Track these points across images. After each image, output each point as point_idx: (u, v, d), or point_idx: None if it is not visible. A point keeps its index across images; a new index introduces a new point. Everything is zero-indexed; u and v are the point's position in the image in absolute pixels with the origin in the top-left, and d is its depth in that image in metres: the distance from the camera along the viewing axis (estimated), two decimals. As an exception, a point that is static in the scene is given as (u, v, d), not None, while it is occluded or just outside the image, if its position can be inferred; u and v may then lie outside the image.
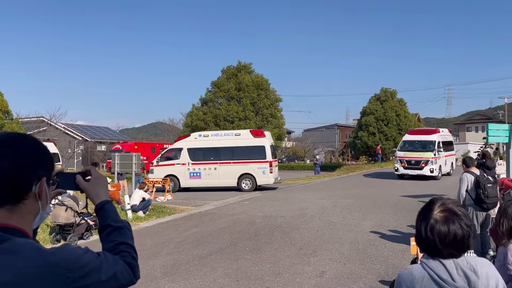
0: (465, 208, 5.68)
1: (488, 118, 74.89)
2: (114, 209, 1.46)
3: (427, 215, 1.68)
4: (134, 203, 12.52)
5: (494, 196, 6.70)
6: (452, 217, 1.63)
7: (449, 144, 25.00)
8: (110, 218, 1.41)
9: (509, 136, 11.54)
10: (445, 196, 7.62)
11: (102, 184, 1.48)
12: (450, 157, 24.29)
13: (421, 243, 1.71)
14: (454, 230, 1.60)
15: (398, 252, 7.52)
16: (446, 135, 25.21)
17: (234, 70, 26.33)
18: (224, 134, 20.19)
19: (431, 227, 1.64)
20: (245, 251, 7.98)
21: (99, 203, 1.43)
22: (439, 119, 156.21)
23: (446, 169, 23.34)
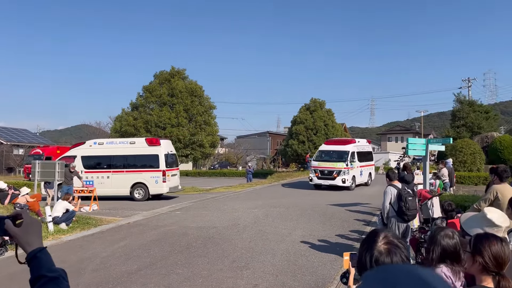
0: (388, 220, 6.01)
1: (406, 129, 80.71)
2: (49, 257, 1.34)
3: (371, 247, 1.75)
4: (56, 215, 11.73)
5: (414, 209, 7.21)
6: (394, 249, 1.72)
7: (367, 154, 25.11)
8: (44, 268, 1.29)
9: (426, 150, 12.50)
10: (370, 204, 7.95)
11: (34, 230, 1.36)
12: (367, 167, 24.45)
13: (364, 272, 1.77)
14: (397, 262, 1.69)
15: (327, 263, 7.79)
16: (364, 145, 25.34)
17: (167, 75, 25.79)
18: (119, 142, 20.15)
19: (376, 259, 1.71)
20: (177, 265, 7.80)
21: (31, 252, 1.32)
22: (363, 129, 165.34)
23: (362, 179, 23.47)
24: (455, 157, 27.69)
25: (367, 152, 25.36)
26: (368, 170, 24.48)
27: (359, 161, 22.93)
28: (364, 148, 24.75)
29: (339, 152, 22.49)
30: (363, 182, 23.60)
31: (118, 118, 26.96)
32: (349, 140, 24.56)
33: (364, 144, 25.58)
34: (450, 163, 18.18)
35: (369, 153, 25.84)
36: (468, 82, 49.58)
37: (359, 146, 24.01)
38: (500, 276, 2.24)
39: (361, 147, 24.30)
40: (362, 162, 23.50)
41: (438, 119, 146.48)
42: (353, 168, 22.07)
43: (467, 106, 42.05)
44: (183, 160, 25.72)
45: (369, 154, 25.61)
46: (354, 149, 22.83)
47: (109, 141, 20.79)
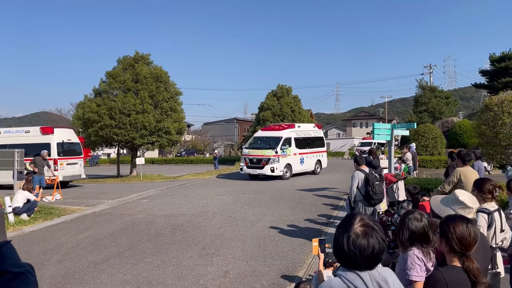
0: (355, 204, 6.11)
1: (371, 115, 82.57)
2: (14, 251, 1.23)
3: (348, 229, 1.75)
4: (17, 205, 11.25)
5: (380, 193, 7.38)
6: (370, 231, 1.73)
7: (314, 140, 23.27)
8: (8, 263, 1.19)
9: (391, 134, 12.80)
10: (337, 188, 8.07)
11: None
12: (313, 154, 22.74)
13: (341, 256, 1.76)
14: (373, 244, 1.70)
15: (296, 247, 7.87)
16: (308, 130, 23.28)
17: (131, 60, 25.00)
18: (15, 131, 20.48)
19: (352, 241, 1.71)
20: (146, 254, 7.67)
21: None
22: (329, 115, 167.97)
23: (305, 167, 21.94)
24: (418, 142, 28.60)
25: (315, 137, 23.49)
26: (315, 157, 22.88)
27: (298, 148, 21.43)
28: (308, 134, 22.96)
29: (271, 139, 21.11)
30: (307, 170, 22.23)
31: (81, 105, 26.01)
32: (286, 126, 22.38)
33: (310, 129, 23.59)
34: (414, 147, 18.75)
35: (318, 138, 23.91)
36: (430, 69, 51.13)
37: (300, 132, 22.25)
38: (465, 257, 2.31)
39: (304, 132, 22.57)
40: (304, 149, 22.00)
41: (401, 105, 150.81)
42: (287, 155, 20.57)
43: (429, 92, 43.40)
44: (149, 148, 25.23)
45: (317, 140, 23.76)
46: (290, 135, 21.25)
47: (6, 130, 21.37)
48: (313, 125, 24.93)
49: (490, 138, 14.08)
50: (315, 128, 24.34)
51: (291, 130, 21.72)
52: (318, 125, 25.62)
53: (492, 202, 3.67)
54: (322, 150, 23.95)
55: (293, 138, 21.42)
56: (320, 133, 24.58)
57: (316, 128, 24.54)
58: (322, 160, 23.69)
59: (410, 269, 2.63)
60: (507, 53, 41.00)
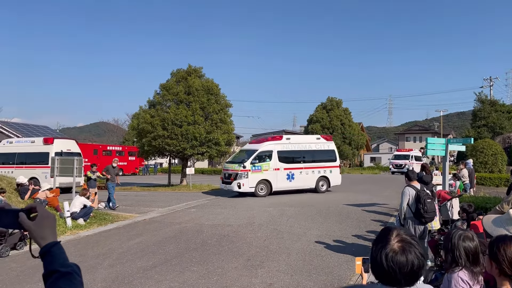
0: (405, 221, 5.88)
1: (425, 129, 79.59)
2: (62, 252, 1.32)
3: (385, 246, 1.71)
4: (74, 210, 11.90)
5: (432, 211, 7.04)
6: (409, 247, 1.68)
7: (318, 153, 20.77)
8: (57, 263, 1.27)
9: (446, 150, 12.25)
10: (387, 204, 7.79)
11: (49, 224, 1.34)
12: (315, 169, 20.34)
13: (380, 273, 1.72)
14: (412, 260, 1.65)
15: (343, 263, 7.69)
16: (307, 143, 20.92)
17: (184, 73, 25.85)
18: (24, 141, 23.04)
19: (391, 258, 1.67)
20: (192, 263, 7.81)
21: (45, 246, 1.29)
22: (380, 128, 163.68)
23: (297, 184, 19.89)
24: (476, 158, 27.12)
25: (317, 151, 20.87)
26: (317, 173, 20.41)
27: (284, 162, 19.62)
28: (304, 147, 20.57)
29: (250, 152, 19.84)
30: (302, 187, 20.07)
31: (136, 116, 27.17)
32: (271, 138, 20.89)
33: (308, 141, 21.27)
34: (471, 163, 17.81)
35: (323, 152, 21.05)
36: (490, 81, 48.51)
37: (289, 144, 20.16)
38: None
39: (297, 145, 20.33)
40: (296, 163, 19.95)
41: (458, 119, 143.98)
42: (262, 170, 18.94)
43: (488, 106, 41.15)
44: (199, 158, 25.82)
45: (322, 153, 21.00)
46: (269, 148, 19.58)
47: (17, 140, 23.97)
48: (315, 137, 22.13)
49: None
50: (320, 140, 21.47)
51: (274, 142, 20.04)
52: (326, 137, 22.30)
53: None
54: (330, 165, 20.88)
55: (275, 151, 19.61)
56: (328, 145, 21.42)
57: (322, 140, 21.54)
58: (331, 177, 20.78)
59: None
60: None
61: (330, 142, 21.77)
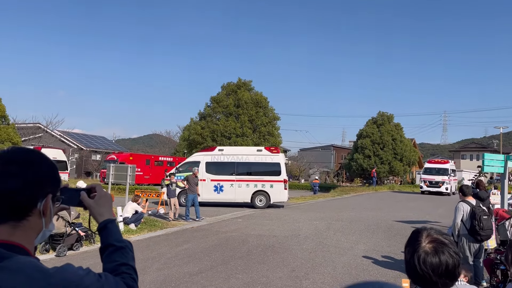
0: (459, 238, 5.64)
1: (483, 147, 75.48)
2: (118, 229, 1.44)
3: (416, 248, 1.68)
4: (126, 216, 12.41)
5: (488, 229, 6.69)
6: (441, 247, 1.64)
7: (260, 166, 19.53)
8: (112, 238, 1.39)
9: (504, 167, 11.60)
10: (439, 223, 7.53)
11: (107, 202, 1.46)
12: (250, 182, 19.28)
13: (415, 277, 1.70)
14: (446, 260, 1.61)
15: (390, 279, 7.46)
16: (245, 155, 19.86)
17: (234, 86, 26.45)
18: None
19: (423, 260, 1.64)
20: (237, 270, 7.89)
21: (102, 222, 1.42)
22: (434, 145, 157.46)
23: (229, 197, 19.12)
24: (540, 178, 25.32)
25: (258, 163, 19.57)
26: (253, 186, 19.23)
27: (213, 174, 19.25)
28: (241, 158, 19.61)
29: (187, 162, 20.05)
30: (234, 200, 19.11)
31: (187, 128, 28.10)
32: (207, 149, 21.33)
33: (248, 153, 20.06)
34: (533, 183, 16.69)
35: (265, 165, 19.54)
36: (556, 97, 45.41)
37: (221, 156, 19.66)
38: None
39: (232, 157, 19.60)
40: (229, 175, 19.15)
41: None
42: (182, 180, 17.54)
43: (554, 123, 38.47)
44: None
45: (264, 166, 19.56)
46: (198, 158, 19.74)
47: None
48: (256, 149, 20.60)
49: None
50: (262, 152, 19.84)
51: (204, 153, 19.98)
52: (271, 149, 20.41)
53: None
54: (271, 179, 19.16)
55: (203, 162, 19.27)
56: (272, 158, 19.57)
57: (265, 152, 19.85)
58: (271, 192, 19.11)
59: None
60: None
61: (275, 155, 19.77)
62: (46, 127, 36.59)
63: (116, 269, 1.30)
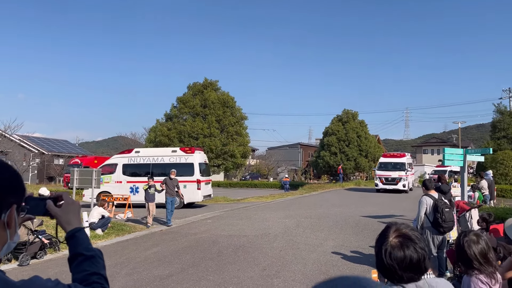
0: (422, 230, 5.83)
1: (443, 142, 78.41)
2: (86, 237, 1.40)
3: (384, 242, 1.73)
4: (92, 221, 12.08)
5: (450, 221, 6.96)
6: (406, 242, 1.69)
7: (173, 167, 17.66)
8: (81, 247, 1.35)
9: (464, 160, 12.10)
10: (404, 216, 7.76)
11: (74, 211, 1.42)
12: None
13: (383, 270, 1.75)
14: (410, 254, 1.66)
15: (359, 274, 7.61)
16: (160, 156, 19.94)
17: (200, 86, 26.25)
18: None
19: (389, 254, 1.69)
20: (208, 272, 7.84)
21: (70, 231, 1.38)
22: (397, 141, 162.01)
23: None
24: (496, 170, 26.63)
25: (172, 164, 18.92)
26: None
27: (129, 175, 19.57)
28: (156, 160, 19.90)
29: (107, 165, 20.46)
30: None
31: (153, 129, 27.62)
32: (123, 151, 21.45)
33: (163, 154, 20.27)
34: (490, 175, 17.51)
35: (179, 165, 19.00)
36: (509, 92, 47.75)
37: (138, 157, 19.90)
38: None
39: (147, 158, 19.89)
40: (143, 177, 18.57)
41: (476, 131, 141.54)
42: (103, 182, 18.27)
43: (508, 117, 40.45)
44: (215, 171, 25.98)
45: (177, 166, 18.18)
46: (115, 161, 20.07)
47: None
48: (171, 149, 20.64)
49: None
50: (177, 153, 19.88)
51: (121, 156, 20.14)
52: (186, 149, 20.39)
53: None
54: (184, 180, 18.42)
55: (120, 164, 19.44)
56: (186, 159, 19.57)
57: (180, 152, 19.90)
58: (185, 192, 18.27)
59: None
60: None
61: (189, 155, 19.73)
62: (4, 132, 34.97)
63: (86, 279, 1.26)
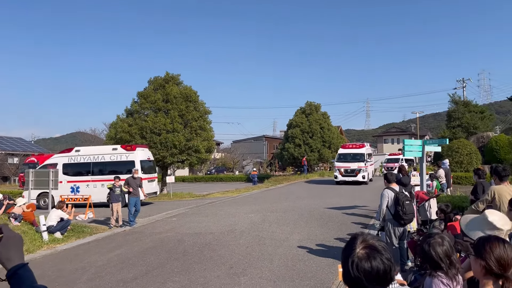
0: (384, 222, 5.92)
1: (402, 131, 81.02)
2: (30, 274, 1.26)
3: (351, 254, 1.69)
4: (51, 224, 11.60)
5: (411, 213, 7.14)
6: (373, 253, 1.66)
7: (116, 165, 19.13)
8: (24, 285, 1.21)
9: (422, 151, 12.46)
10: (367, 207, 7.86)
11: (15, 245, 1.28)
12: (106, 182, 18.21)
13: (349, 281, 1.71)
14: (377, 266, 1.63)
15: (325, 267, 7.70)
16: (100, 154, 19.63)
17: (161, 81, 25.65)
18: None
19: (356, 265, 1.65)
20: (174, 273, 7.69)
21: (11, 268, 1.23)
22: (359, 131, 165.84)
23: None
24: (452, 158, 27.73)
25: (115, 162, 19.32)
26: None
27: (70, 175, 19.36)
28: (97, 158, 19.62)
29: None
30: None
31: (113, 125, 26.79)
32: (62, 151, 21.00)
33: (104, 152, 19.80)
34: (447, 163, 18.17)
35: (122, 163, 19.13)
36: (463, 83, 49.79)
37: (79, 156, 19.62)
38: (504, 278, 2.18)
39: (88, 157, 19.56)
40: (85, 176, 18.95)
41: (433, 120, 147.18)
42: None
43: (462, 107, 42.21)
44: (179, 166, 25.62)
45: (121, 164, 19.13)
46: (55, 160, 19.76)
47: None
48: (112, 147, 20.33)
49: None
50: (118, 151, 19.64)
51: (61, 155, 19.74)
52: (127, 147, 19.96)
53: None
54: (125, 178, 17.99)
55: (60, 164, 19.05)
56: (127, 156, 19.31)
57: (121, 150, 19.65)
58: None
59: None
60: (545, 64, 39.47)
61: (130, 153, 19.40)
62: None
63: None
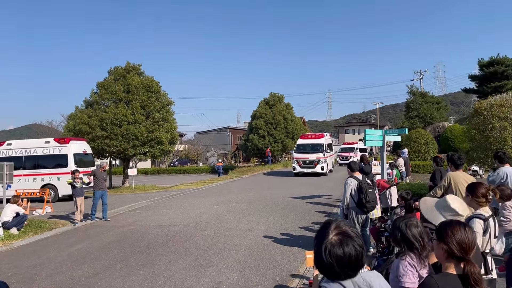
0: (348, 210, 6.06)
1: (363, 121, 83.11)
2: None
3: (323, 240, 1.71)
4: (6, 219, 11.07)
5: (373, 200, 7.33)
6: (346, 239, 1.69)
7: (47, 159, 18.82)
8: None
9: (383, 141, 12.81)
10: (330, 195, 8.01)
11: None
12: (37, 176, 18.68)
13: (322, 267, 1.73)
14: (349, 252, 1.66)
15: (290, 256, 7.79)
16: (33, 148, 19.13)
17: (122, 71, 24.89)
18: None
19: (328, 251, 1.67)
20: (138, 266, 7.55)
21: None
22: (321, 122, 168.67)
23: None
24: (410, 147, 28.70)
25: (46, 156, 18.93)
26: (40, 180, 18.63)
27: None
28: (29, 152, 19.12)
29: None
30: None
31: (72, 117, 25.85)
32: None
33: (36, 146, 19.26)
34: (406, 153, 18.81)
35: (53, 157, 18.84)
36: (420, 74, 51.55)
37: (11, 150, 19.21)
38: (466, 261, 2.26)
39: (20, 151, 19.15)
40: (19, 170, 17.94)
41: (393, 111, 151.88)
42: None
43: (419, 98, 43.74)
44: (141, 158, 25.05)
45: (52, 158, 18.84)
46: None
47: None
48: (44, 141, 19.81)
49: (481, 142, 14.11)
50: (50, 144, 19.11)
51: None
52: (61, 140, 19.34)
53: (486, 207, 3.64)
54: (58, 172, 18.44)
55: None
56: (60, 150, 18.74)
57: (53, 143, 19.09)
58: (59, 185, 18.32)
59: (402, 276, 2.60)
60: (495, 58, 41.49)
61: (63, 146, 18.77)
62: None
63: None
